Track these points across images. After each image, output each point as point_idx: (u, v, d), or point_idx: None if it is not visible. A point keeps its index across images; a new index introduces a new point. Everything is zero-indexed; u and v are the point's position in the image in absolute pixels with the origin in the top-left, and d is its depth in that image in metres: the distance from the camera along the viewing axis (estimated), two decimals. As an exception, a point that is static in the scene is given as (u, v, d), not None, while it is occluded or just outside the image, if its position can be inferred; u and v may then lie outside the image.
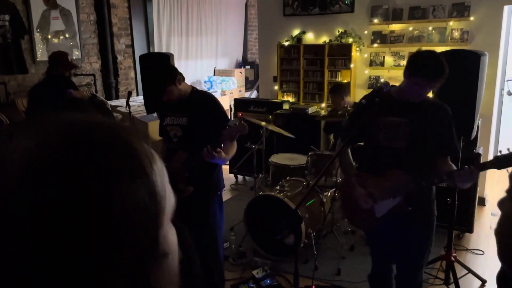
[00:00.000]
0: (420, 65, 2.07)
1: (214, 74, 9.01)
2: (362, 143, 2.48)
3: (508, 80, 1.33)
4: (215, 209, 2.67)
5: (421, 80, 2.06)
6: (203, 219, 2.61)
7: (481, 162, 3.35)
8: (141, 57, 4.68)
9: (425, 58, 2.09)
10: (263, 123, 3.96)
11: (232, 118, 5.30)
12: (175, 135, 2.63)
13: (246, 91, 9.20)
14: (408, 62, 2.16)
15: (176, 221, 0.86)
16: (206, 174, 2.61)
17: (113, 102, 6.02)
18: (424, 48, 5.25)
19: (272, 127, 4.02)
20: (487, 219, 4.28)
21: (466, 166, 1.98)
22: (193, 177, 2.51)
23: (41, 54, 5.62)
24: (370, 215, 2.26)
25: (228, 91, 8.56)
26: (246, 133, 2.37)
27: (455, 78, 2.36)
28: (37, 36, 5.58)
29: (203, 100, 2.61)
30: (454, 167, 2.16)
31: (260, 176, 4.43)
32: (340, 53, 5.73)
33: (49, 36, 5.74)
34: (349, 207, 2.44)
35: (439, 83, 2.08)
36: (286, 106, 5.18)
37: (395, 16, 5.30)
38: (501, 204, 0.64)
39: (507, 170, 1.58)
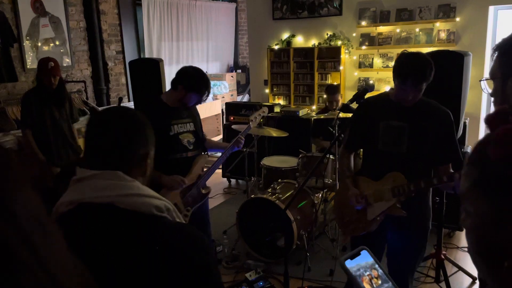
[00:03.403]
0: (400, 69, 2.02)
1: (206, 79, 9.03)
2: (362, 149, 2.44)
3: (481, 80, 1.35)
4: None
5: (403, 84, 2.01)
6: (205, 218, 2.76)
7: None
8: (131, 63, 4.69)
9: (405, 62, 2.02)
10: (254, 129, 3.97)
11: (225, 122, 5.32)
12: (189, 142, 2.50)
13: (238, 95, 9.23)
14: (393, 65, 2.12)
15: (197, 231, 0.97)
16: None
17: (105, 109, 6.02)
18: (411, 49, 5.34)
19: (265, 131, 4.03)
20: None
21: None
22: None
23: (31, 61, 5.60)
24: (361, 217, 2.23)
25: (220, 95, 8.58)
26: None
27: (439, 78, 2.39)
28: (26, 44, 5.57)
29: None
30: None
31: (252, 179, 4.44)
32: (329, 56, 5.78)
33: (39, 44, 5.73)
34: (341, 210, 2.39)
35: (422, 87, 2.03)
36: (277, 109, 5.21)
37: (383, 18, 5.37)
38: (463, 221, 0.67)
39: None
